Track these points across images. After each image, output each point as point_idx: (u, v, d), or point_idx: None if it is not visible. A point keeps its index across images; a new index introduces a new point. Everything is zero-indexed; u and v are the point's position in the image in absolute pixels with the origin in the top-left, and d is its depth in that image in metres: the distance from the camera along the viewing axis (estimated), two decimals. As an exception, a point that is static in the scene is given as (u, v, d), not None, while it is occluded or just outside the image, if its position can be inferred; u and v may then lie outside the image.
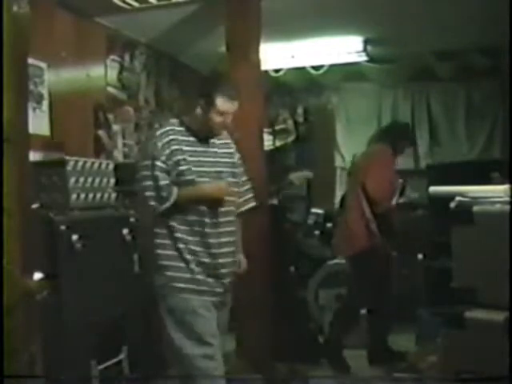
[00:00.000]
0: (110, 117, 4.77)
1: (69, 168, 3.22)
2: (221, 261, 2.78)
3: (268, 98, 5.82)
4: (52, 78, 4.00)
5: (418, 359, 3.95)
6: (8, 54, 1.86)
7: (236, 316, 3.82)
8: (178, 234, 2.73)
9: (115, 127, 4.84)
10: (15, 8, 1.90)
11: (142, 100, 5.36)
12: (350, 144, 6.42)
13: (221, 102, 2.75)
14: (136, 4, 4.16)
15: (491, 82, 6.02)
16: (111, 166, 3.58)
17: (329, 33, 5.27)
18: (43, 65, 3.92)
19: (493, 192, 2.72)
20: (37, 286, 2.08)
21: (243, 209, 3.00)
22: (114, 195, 3.56)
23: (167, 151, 2.73)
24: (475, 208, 2.62)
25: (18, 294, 1.90)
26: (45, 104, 3.95)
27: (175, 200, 2.71)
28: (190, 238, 2.73)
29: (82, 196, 3.29)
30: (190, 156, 2.76)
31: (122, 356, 3.39)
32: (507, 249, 2.38)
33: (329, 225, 5.43)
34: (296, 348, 4.14)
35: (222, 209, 2.80)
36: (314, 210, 5.68)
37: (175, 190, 2.72)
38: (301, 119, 6.82)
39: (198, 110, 2.79)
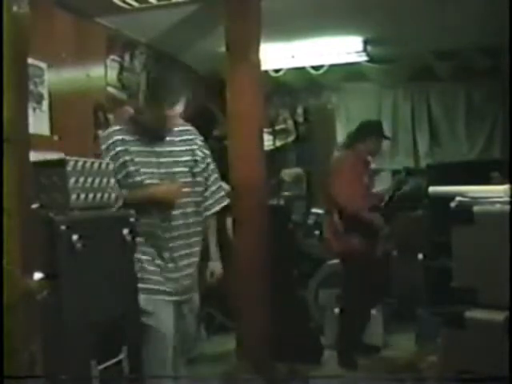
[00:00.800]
0: (110, 117, 4.77)
1: (69, 168, 3.21)
2: (174, 265, 2.74)
3: (268, 98, 5.82)
4: (52, 78, 4.00)
5: (418, 359, 3.95)
6: (8, 54, 1.86)
7: (236, 316, 3.84)
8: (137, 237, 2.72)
9: (115, 127, 4.84)
10: (15, 8, 1.90)
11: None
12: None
13: (164, 110, 2.66)
14: (136, 4, 4.16)
15: (491, 82, 6.02)
16: (111, 166, 3.57)
17: (329, 33, 5.27)
18: (43, 65, 3.92)
19: (493, 192, 2.72)
20: (37, 285, 2.08)
21: (213, 210, 2.91)
22: (114, 195, 3.56)
23: (112, 152, 2.70)
24: (475, 208, 2.62)
25: (17, 293, 1.90)
26: (45, 104, 3.95)
27: (124, 202, 2.69)
28: (144, 240, 2.76)
29: (82, 196, 3.28)
30: (138, 156, 2.68)
31: (122, 356, 3.39)
32: (507, 249, 2.38)
33: (329, 225, 5.42)
34: (296, 348, 4.14)
35: (177, 211, 2.71)
36: (313, 210, 5.69)
37: (124, 192, 2.70)
38: (301, 119, 6.83)
39: (144, 107, 2.71)
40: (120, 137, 2.70)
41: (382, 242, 4.32)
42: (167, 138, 2.76)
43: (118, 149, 2.68)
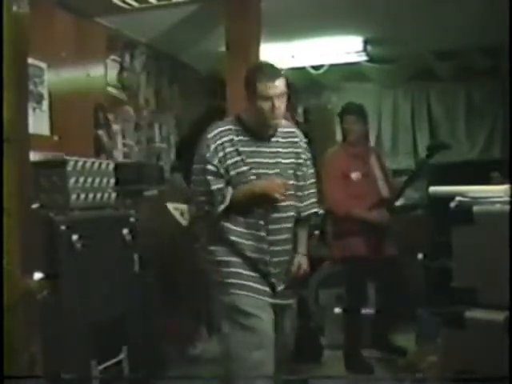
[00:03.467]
0: (110, 117, 4.77)
1: (69, 168, 3.22)
2: (271, 259, 2.68)
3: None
4: (52, 78, 4.00)
5: (418, 359, 3.95)
6: (8, 54, 1.86)
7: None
8: (233, 236, 2.65)
9: (115, 127, 4.84)
10: (15, 8, 1.90)
11: (142, 100, 5.35)
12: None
13: (262, 87, 2.58)
14: (136, 4, 4.16)
15: (491, 81, 6.02)
16: (111, 166, 3.58)
17: (329, 33, 5.27)
18: (43, 65, 3.92)
19: (493, 192, 2.72)
20: (37, 285, 2.08)
21: (306, 213, 2.85)
22: (113, 195, 3.56)
23: (220, 154, 2.61)
24: (475, 208, 2.62)
25: (18, 293, 1.90)
26: (45, 104, 3.95)
27: (230, 201, 2.61)
28: (243, 238, 2.65)
29: (82, 196, 3.29)
30: (248, 157, 2.63)
31: (122, 356, 3.39)
32: (507, 249, 2.38)
33: (329, 225, 5.42)
34: (296, 348, 4.13)
35: (278, 215, 2.67)
36: (313, 210, 5.67)
37: (230, 191, 2.61)
38: (301, 119, 6.82)
39: (248, 104, 2.67)
40: (228, 137, 2.64)
41: (388, 242, 4.13)
42: (273, 139, 2.71)
43: (227, 150, 2.62)
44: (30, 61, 3.55)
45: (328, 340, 4.49)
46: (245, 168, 2.63)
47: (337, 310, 4.76)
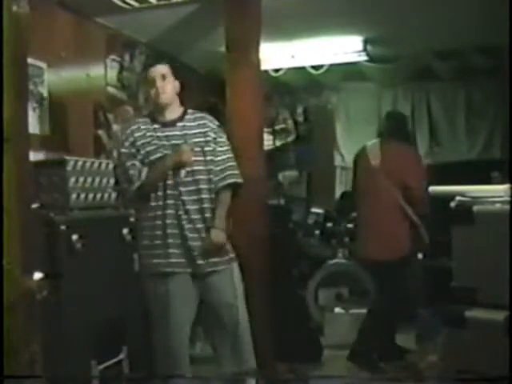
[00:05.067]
0: (110, 117, 4.77)
1: (69, 168, 3.22)
2: (188, 234, 2.89)
3: (268, 98, 5.82)
4: (52, 78, 4.00)
5: (418, 359, 3.95)
6: (8, 54, 1.86)
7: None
8: (150, 211, 2.93)
9: (115, 127, 4.84)
10: (15, 8, 1.90)
11: (142, 100, 5.35)
12: (349, 144, 6.42)
13: (147, 74, 3.04)
14: (136, 4, 4.16)
15: (491, 81, 6.01)
16: (111, 166, 3.58)
17: (329, 33, 5.27)
18: (43, 65, 3.92)
19: (493, 192, 2.73)
20: (37, 285, 2.08)
21: (220, 185, 3.02)
22: (113, 195, 3.56)
23: (131, 138, 2.99)
24: (475, 208, 2.62)
25: (17, 293, 1.89)
26: (45, 104, 3.95)
27: (146, 177, 2.90)
28: (158, 213, 2.91)
29: (82, 196, 3.29)
30: (153, 140, 2.96)
31: (122, 356, 3.39)
32: (507, 249, 2.38)
33: (329, 224, 5.43)
34: (296, 348, 4.14)
35: (186, 188, 2.91)
36: (314, 210, 5.68)
37: (144, 169, 2.92)
38: (301, 119, 6.83)
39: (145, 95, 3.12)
40: (136, 126, 3.04)
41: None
42: (179, 124, 3.03)
43: (136, 134, 2.99)
44: (30, 61, 3.55)
45: (328, 340, 4.49)
46: (153, 147, 2.94)
47: (337, 310, 4.77)
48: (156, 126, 3.01)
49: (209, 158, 3.01)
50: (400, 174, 3.98)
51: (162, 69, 3.01)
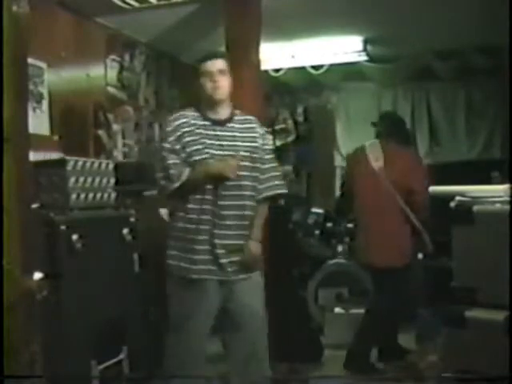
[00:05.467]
0: (110, 117, 4.77)
1: (69, 168, 3.22)
2: (219, 241, 2.77)
3: (268, 98, 5.81)
4: (52, 78, 4.00)
5: (418, 359, 3.95)
6: (8, 54, 1.86)
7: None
8: (186, 213, 2.79)
9: (115, 127, 4.84)
10: (15, 8, 1.90)
11: (142, 100, 5.35)
12: (349, 144, 6.41)
13: (204, 67, 2.84)
14: (136, 4, 4.16)
15: (491, 81, 6.01)
16: (111, 166, 3.58)
17: (329, 33, 5.27)
18: (43, 65, 3.92)
19: (493, 192, 2.73)
20: (37, 285, 2.08)
21: (265, 195, 2.94)
22: (113, 195, 3.56)
23: (177, 133, 2.80)
24: (475, 208, 2.62)
25: (17, 293, 1.89)
26: (45, 104, 3.95)
27: (187, 178, 2.75)
28: (193, 217, 2.78)
29: (82, 196, 3.29)
30: (201, 138, 2.80)
31: (122, 356, 3.39)
32: (507, 249, 2.38)
33: (329, 225, 5.43)
34: (296, 348, 4.14)
35: (229, 192, 2.79)
36: (314, 210, 5.68)
37: (187, 169, 2.76)
38: (301, 119, 6.83)
39: (197, 88, 2.87)
40: (184, 120, 2.85)
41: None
42: (229, 124, 2.88)
43: (183, 130, 2.81)
44: (30, 61, 3.55)
45: (328, 340, 4.49)
46: (200, 146, 2.79)
47: (337, 310, 4.77)
48: (206, 122, 2.85)
49: (255, 164, 2.90)
50: (404, 177, 3.88)
51: (220, 63, 2.85)
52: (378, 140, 4.16)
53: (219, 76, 2.83)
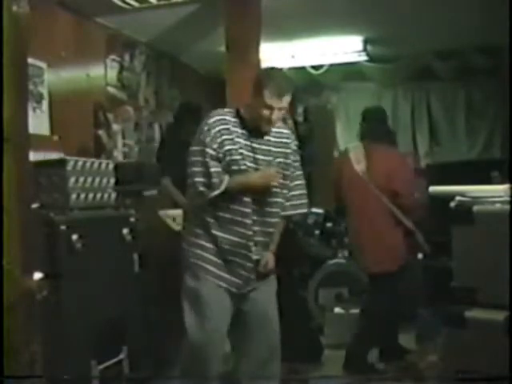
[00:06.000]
0: (110, 116, 4.77)
1: (69, 168, 3.22)
2: (245, 252, 2.76)
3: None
4: (52, 77, 4.01)
5: (418, 359, 3.95)
6: (8, 54, 1.86)
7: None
8: (215, 225, 2.75)
9: (115, 127, 4.84)
10: (15, 8, 1.90)
11: (142, 100, 5.36)
12: (349, 144, 6.42)
13: (268, 97, 2.68)
14: (136, 4, 4.16)
15: (491, 81, 6.02)
16: (111, 166, 3.58)
17: (329, 33, 5.27)
18: (43, 65, 3.92)
19: (493, 192, 2.72)
20: (37, 285, 2.08)
21: (289, 213, 2.92)
22: (113, 195, 3.56)
23: (219, 140, 2.72)
24: (475, 208, 2.62)
25: (17, 293, 1.90)
26: (45, 104, 3.95)
27: (226, 187, 2.70)
28: (225, 228, 2.74)
29: (82, 196, 3.29)
30: (240, 148, 2.74)
31: (122, 356, 3.39)
32: (507, 249, 2.38)
33: (329, 225, 5.43)
34: (296, 348, 4.14)
35: (260, 208, 2.77)
36: (314, 210, 5.68)
37: (226, 177, 2.71)
38: (301, 119, 6.82)
39: (250, 102, 2.77)
40: (226, 126, 2.75)
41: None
42: (265, 137, 2.82)
43: (224, 137, 2.73)
44: (30, 61, 3.55)
45: (328, 340, 4.49)
46: (238, 157, 2.73)
47: (337, 310, 4.77)
48: (244, 131, 2.76)
49: (285, 181, 2.87)
50: (387, 180, 3.76)
51: (287, 101, 2.75)
52: (362, 141, 4.07)
53: (280, 111, 2.75)
